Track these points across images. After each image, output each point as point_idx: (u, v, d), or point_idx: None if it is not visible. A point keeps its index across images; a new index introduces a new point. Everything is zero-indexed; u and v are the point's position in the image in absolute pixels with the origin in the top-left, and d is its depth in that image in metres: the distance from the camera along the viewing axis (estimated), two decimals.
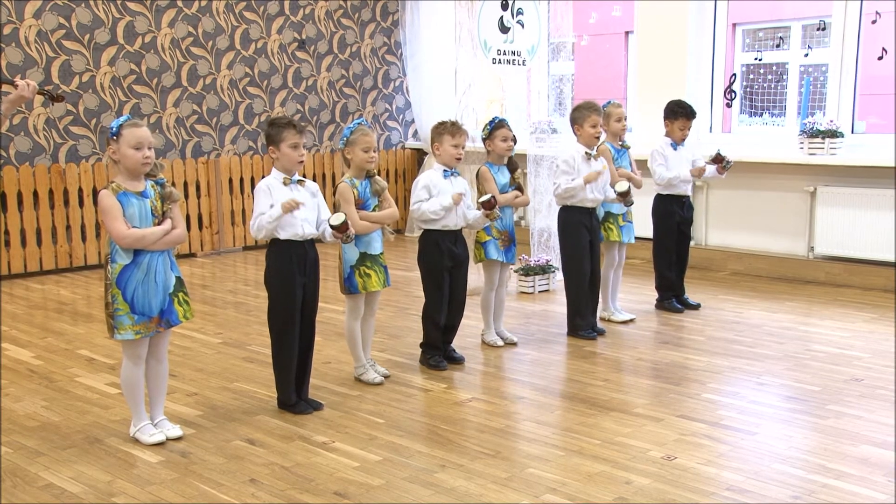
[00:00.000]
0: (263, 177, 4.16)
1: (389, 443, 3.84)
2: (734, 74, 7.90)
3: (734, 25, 11.40)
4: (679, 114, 5.93)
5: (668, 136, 5.99)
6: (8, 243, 7.38)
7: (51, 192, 7.58)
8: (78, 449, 3.82)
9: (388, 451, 3.75)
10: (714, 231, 7.71)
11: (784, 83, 10.90)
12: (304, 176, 4.46)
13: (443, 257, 4.81)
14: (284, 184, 4.08)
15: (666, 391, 4.48)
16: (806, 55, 9.11)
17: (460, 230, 4.91)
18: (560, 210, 5.53)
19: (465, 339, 5.34)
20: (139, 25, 8.00)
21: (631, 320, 5.85)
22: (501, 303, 5.38)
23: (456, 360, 4.98)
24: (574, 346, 5.34)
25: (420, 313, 4.98)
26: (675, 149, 5.95)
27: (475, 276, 5.55)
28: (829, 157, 6.83)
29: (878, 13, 6.85)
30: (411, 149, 10.04)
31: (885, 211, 6.61)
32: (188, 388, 4.61)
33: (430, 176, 4.79)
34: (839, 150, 6.85)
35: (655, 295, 6.22)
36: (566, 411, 4.23)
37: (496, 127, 5.10)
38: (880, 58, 6.84)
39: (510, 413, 4.24)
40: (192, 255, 8.44)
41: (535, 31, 6.82)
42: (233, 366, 5.02)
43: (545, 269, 6.80)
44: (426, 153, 9.36)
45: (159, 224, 3.71)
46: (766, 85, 12.06)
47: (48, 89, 4.38)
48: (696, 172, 5.93)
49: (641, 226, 6.45)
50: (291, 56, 9.04)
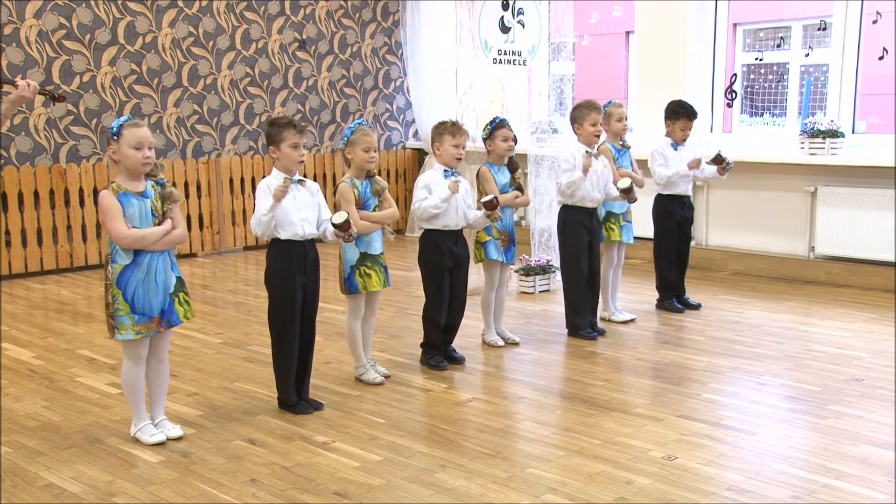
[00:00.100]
0: (264, 177, 4.17)
1: (390, 443, 3.84)
2: (735, 74, 7.90)
3: (735, 25, 11.40)
4: (680, 114, 5.93)
5: (669, 136, 5.99)
6: (8, 243, 7.39)
7: (51, 191, 7.59)
8: (78, 449, 3.82)
9: (389, 451, 3.75)
10: (714, 231, 7.71)
11: (785, 83, 10.90)
12: (304, 176, 4.46)
13: (443, 257, 4.81)
14: (285, 190, 4.08)
15: (666, 391, 4.48)
16: (807, 55, 9.12)
17: (461, 230, 4.91)
18: (560, 209, 5.53)
19: (466, 339, 5.34)
20: (140, 25, 8.00)
21: (631, 320, 5.85)
22: (502, 303, 5.38)
23: (456, 360, 4.98)
24: (574, 346, 5.34)
25: (420, 313, 4.98)
26: (675, 149, 5.95)
27: (475, 276, 5.55)
28: (829, 157, 6.83)
29: (878, 13, 6.85)
30: (412, 149, 10.04)
31: (885, 211, 6.60)
32: (189, 388, 4.61)
33: (431, 176, 4.80)
34: (840, 150, 6.85)
35: (656, 295, 6.22)
36: (566, 411, 4.23)
37: (497, 127, 5.10)
38: (881, 58, 6.84)
39: (510, 413, 4.24)
40: (192, 255, 8.44)
41: (536, 31, 6.82)
42: (233, 366, 5.02)
43: (546, 269, 6.80)
44: (427, 153, 9.36)
45: (159, 224, 3.71)
46: (766, 85, 12.06)
47: (49, 89, 4.39)
48: (694, 164, 5.90)
49: (642, 226, 6.45)
50: (292, 56, 9.04)
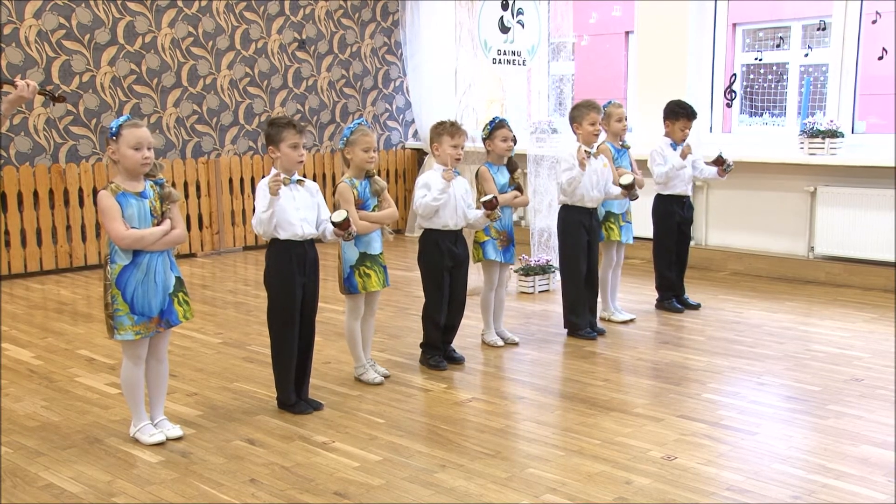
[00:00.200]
0: (263, 177, 4.17)
1: (389, 443, 3.84)
2: (734, 74, 7.90)
3: (734, 25, 11.39)
4: (680, 114, 5.92)
5: (668, 136, 5.98)
6: (8, 243, 7.38)
7: (51, 192, 7.58)
8: (78, 449, 3.82)
9: (389, 451, 3.75)
10: (714, 231, 7.71)
11: (784, 83, 10.90)
12: (304, 176, 4.46)
13: (443, 257, 4.81)
14: (284, 183, 4.08)
15: (666, 391, 4.48)
16: (806, 55, 9.11)
17: (460, 230, 4.91)
18: (560, 209, 5.53)
19: (465, 340, 5.34)
20: (139, 25, 8.00)
21: (631, 320, 5.85)
22: (501, 303, 5.38)
23: (456, 360, 4.98)
24: (574, 346, 5.34)
25: (420, 313, 4.98)
26: (674, 149, 5.94)
27: (475, 276, 5.55)
28: (829, 157, 6.83)
29: (878, 13, 6.85)
30: (411, 149, 10.04)
31: (885, 211, 6.60)
32: (188, 388, 4.61)
33: (431, 176, 4.79)
34: (839, 150, 6.85)
35: (655, 295, 6.22)
36: (566, 411, 4.23)
37: (496, 127, 5.10)
38: (880, 58, 6.84)
39: (510, 413, 4.24)
40: (192, 255, 8.44)
41: (536, 31, 6.82)
42: (233, 366, 5.02)
43: (545, 269, 6.80)
44: (426, 153, 9.36)
45: (158, 224, 3.71)
46: (766, 85, 12.06)
47: (49, 90, 4.38)
48: (686, 150, 5.85)
49: (641, 226, 6.45)
50: (292, 56, 9.04)
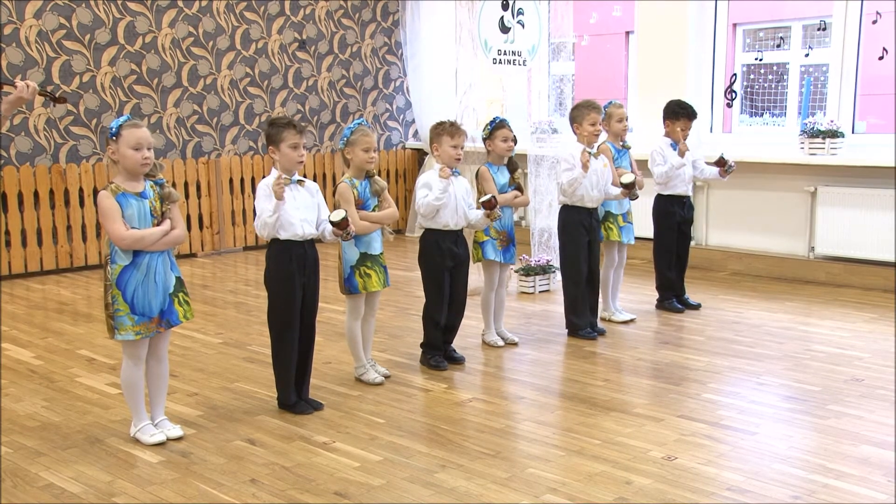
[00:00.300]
0: (264, 177, 4.17)
1: (390, 443, 3.84)
2: (734, 74, 7.90)
3: (735, 25, 11.40)
4: (681, 114, 5.92)
5: (668, 136, 5.98)
6: (8, 243, 7.39)
7: (51, 192, 7.59)
8: (78, 449, 3.82)
9: (389, 451, 3.75)
10: (714, 231, 7.71)
11: (784, 83, 10.90)
12: (304, 176, 4.46)
13: (444, 257, 4.81)
14: (285, 184, 4.08)
15: (666, 391, 4.48)
16: (806, 55, 9.11)
17: (461, 230, 4.91)
18: (560, 209, 5.54)
19: (466, 340, 5.34)
20: (140, 25, 8.00)
21: (631, 320, 5.85)
22: (501, 303, 5.38)
23: (456, 361, 4.98)
24: (574, 346, 5.34)
25: (420, 313, 4.98)
26: (674, 149, 5.94)
27: (476, 276, 5.55)
28: (829, 158, 6.83)
29: (878, 13, 6.85)
30: (412, 149, 10.04)
31: (885, 211, 6.60)
32: (188, 389, 4.61)
33: (431, 176, 4.79)
34: (840, 150, 6.85)
35: (656, 295, 6.22)
36: (566, 411, 4.23)
37: (497, 127, 5.10)
38: (881, 58, 6.84)
39: (510, 413, 4.24)
40: (192, 255, 8.44)
41: (536, 31, 6.82)
42: (233, 366, 5.02)
43: (546, 270, 6.80)
44: (426, 153, 9.35)
45: (158, 224, 3.71)
46: (766, 85, 12.07)
47: (49, 90, 4.38)
48: (684, 147, 5.86)
49: (641, 226, 6.45)
50: (292, 56, 9.04)
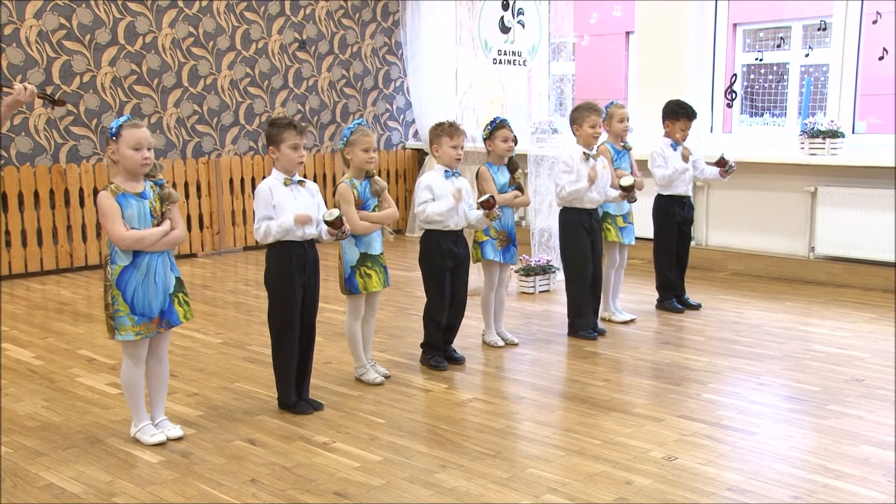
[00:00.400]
0: (264, 177, 4.17)
1: (390, 443, 3.84)
2: (735, 75, 7.90)
3: (735, 25, 11.39)
4: (681, 115, 5.92)
5: (668, 136, 5.98)
6: (9, 243, 7.39)
7: (51, 192, 7.59)
8: (78, 449, 3.82)
9: (389, 451, 3.75)
10: (714, 231, 7.71)
11: (785, 83, 10.89)
12: (304, 176, 4.46)
13: (444, 258, 4.81)
14: (285, 184, 4.08)
15: (666, 391, 4.48)
16: (807, 55, 9.10)
17: (461, 230, 4.91)
18: (560, 211, 5.53)
19: (466, 340, 5.34)
20: (140, 26, 8.00)
21: (631, 320, 5.85)
22: (502, 303, 5.37)
23: (456, 361, 4.98)
24: (574, 346, 5.34)
25: (420, 313, 4.99)
26: (675, 149, 5.94)
27: (476, 276, 5.55)
28: (829, 158, 6.83)
29: (878, 13, 6.85)
30: (412, 149, 10.04)
31: (885, 211, 6.60)
32: (189, 389, 4.61)
33: (432, 177, 4.80)
34: (840, 150, 6.85)
35: (656, 295, 6.22)
36: (567, 411, 4.23)
37: (497, 127, 5.10)
38: (881, 58, 6.84)
39: (510, 413, 4.24)
40: (192, 255, 8.45)
41: (536, 32, 6.82)
42: (233, 366, 5.02)
43: (546, 270, 6.80)
44: (426, 153, 9.35)
45: (158, 225, 3.71)
46: (766, 85, 12.06)
47: (48, 93, 4.38)
48: (686, 153, 5.88)
49: (641, 226, 6.45)
50: (292, 56, 9.04)
